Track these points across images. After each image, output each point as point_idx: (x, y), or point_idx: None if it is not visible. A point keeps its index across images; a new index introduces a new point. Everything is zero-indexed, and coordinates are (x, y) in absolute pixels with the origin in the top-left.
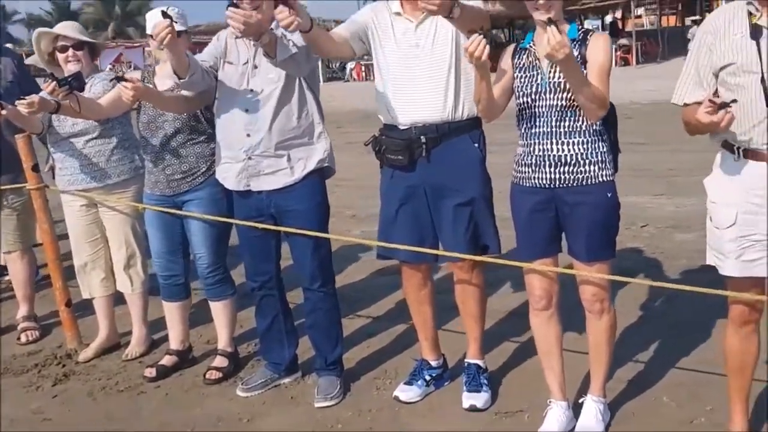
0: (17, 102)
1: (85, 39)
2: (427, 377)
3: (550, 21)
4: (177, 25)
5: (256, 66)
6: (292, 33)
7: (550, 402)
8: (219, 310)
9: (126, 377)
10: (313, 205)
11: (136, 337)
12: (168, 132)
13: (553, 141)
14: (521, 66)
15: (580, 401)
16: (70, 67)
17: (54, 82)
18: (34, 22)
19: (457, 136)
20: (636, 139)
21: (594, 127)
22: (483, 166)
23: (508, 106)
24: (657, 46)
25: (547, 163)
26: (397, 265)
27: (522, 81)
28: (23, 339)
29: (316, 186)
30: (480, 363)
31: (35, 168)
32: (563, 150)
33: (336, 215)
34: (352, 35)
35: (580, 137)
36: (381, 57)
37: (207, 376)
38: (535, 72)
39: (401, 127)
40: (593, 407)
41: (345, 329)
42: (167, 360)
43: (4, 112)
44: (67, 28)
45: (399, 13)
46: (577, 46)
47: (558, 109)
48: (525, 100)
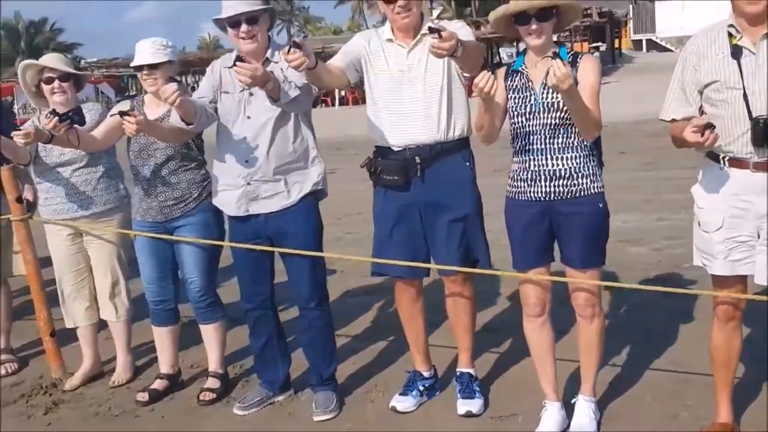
0: (13, 133)
1: (71, 71)
2: (421, 387)
3: (555, 55)
4: (166, 55)
5: (251, 94)
6: (300, 72)
7: (544, 403)
8: (210, 332)
9: (117, 403)
10: (310, 227)
11: (121, 364)
12: (159, 160)
13: (548, 157)
14: (514, 88)
15: (572, 402)
16: (55, 99)
17: (56, 117)
18: None
19: (450, 155)
20: None
21: (585, 143)
22: (474, 183)
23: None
24: None
25: (543, 178)
26: (371, 285)
27: (516, 102)
28: (2, 371)
29: (311, 208)
30: (471, 372)
31: (19, 199)
32: (558, 165)
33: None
34: (347, 66)
35: (573, 152)
36: (374, 82)
37: (201, 397)
38: (529, 93)
39: (395, 149)
40: (585, 407)
41: None
42: (159, 384)
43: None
44: (53, 60)
45: (391, 40)
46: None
47: (551, 127)
48: (519, 119)
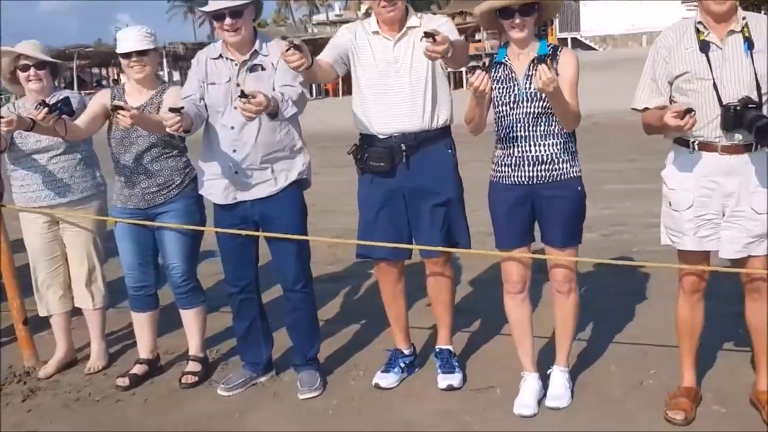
0: None
1: (47, 59)
2: (402, 365)
3: (540, 59)
4: (152, 43)
5: (238, 84)
6: (299, 72)
7: (523, 374)
8: (191, 317)
9: (96, 389)
10: (296, 212)
11: (95, 352)
12: (142, 147)
13: (531, 143)
14: (498, 78)
15: (548, 372)
16: (31, 86)
17: (45, 108)
18: None
19: (433, 143)
20: None
21: (564, 131)
22: (456, 169)
23: None
24: None
25: (526, 163)
26: (337, 272)
27: (500, 92)
28: None
29: (296, 195)
30: (450, 348)
31: None
32: (540, 151)
33: None
34: (335, 60)
35: (554, 139)
36: (360, 73)
37: (183, 380)
38: (512, 84)
39: (381, 137)
40: (561, 377)
41: None
42: (138, 369)
43: None
44: (29, 47)
45: (377, 32)
46: (549, 61)
47: (534, 116)
48: (503, 108)
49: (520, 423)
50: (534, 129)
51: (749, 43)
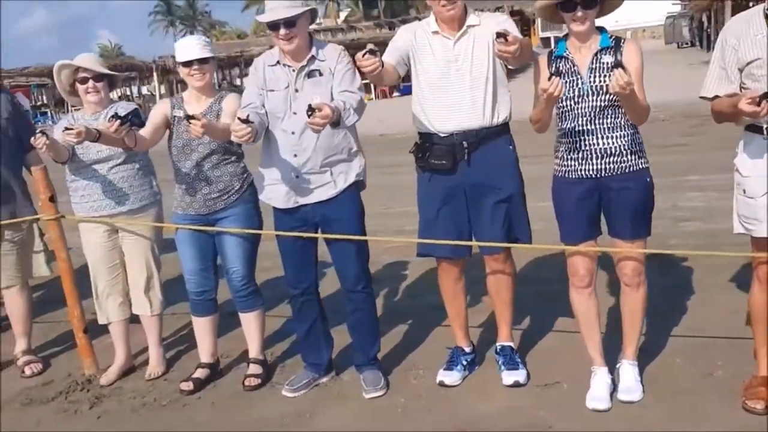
0: (65, 132)
1: (105, 71)
2: (464, 362)
3: (617, 64)
4: (207, 52)
5: (297, 90)
6: (372, 74)
7: (593, 369)
8: (251, 320)
9: (161, 394)
10: (355, 213)
11: (154, 357)
12: (202, 154)
13: (598, 136)
14: (559, 72)
15: (617, 366)
16: (89, 98)
17: (117, 120)
18: None
19: (494, 139)
20: None
21: (630, 122)
22: (517, 165)
23: None
24: None
25: (594, 156)
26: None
27: (563, 86)
28: (27, 372)
29: (355, 197)
30: (512, 345)
31: (52, 199)
32: (608, 143)
33: None
34: (397, 62)
35: (621, 131)
36: (421, 73)
37: (246, 383)
38: (575, 77)
39: (442, 135)
40: (631, 370)
41: None
42: (200, 373)
43: (48, 141)
44: (87, 60)
45: (437, 32)
46: (612, 52)
47: (600, 109)
48: (567, 103)
49: (595, 417)
50: (600, 122)
51: None
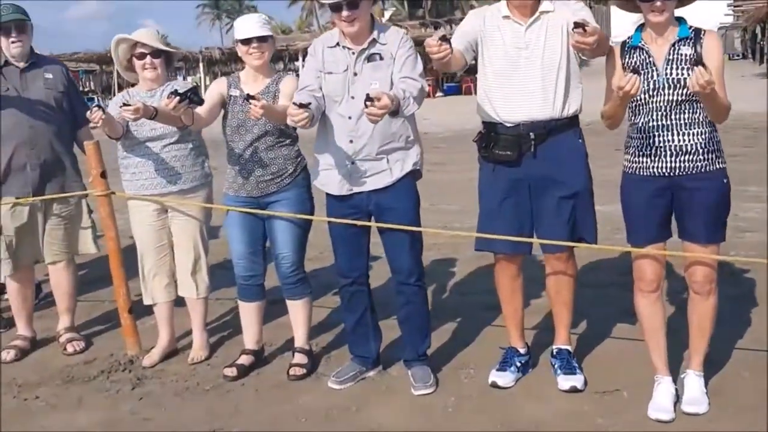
0: (122, 108)
1: (163, 47)
2: (518, 363)
3: (697, 62)
4: (267, 30)
5: (356, 73)
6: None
7: (657, 378)
8: (298, 308)
9: (203, 378)
10: (411, 203)
11: (198, 342)
12: (257, 135)
13: (674, 132)
14: (634, 65)
15: (681, 377)
16: (146, 74)
17: (177, 97)
18: None
19: (563, 132)
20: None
21: (708, 119)
22: (586, 160)
23: None
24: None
25: (668, 153)
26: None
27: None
28: (70, 349)
29: (411, 186)
30: (570, 348)
31: (103, 174)
32: (684, 140)
33: None
34: (465, 48)
35: (699, 128)
36: (488, 59)
37: (291, 372)
38: (650, 69)
39: (508, 125)
40: (697, 381)
41: None
42: (245, 359)
43: (103, 116)
44: (146, 35)
45: (507, 17)
46: (691, 44)
47: (676, 104)
48: (642, 96)
49: (659, 428)
50: (677, 117)
51: None
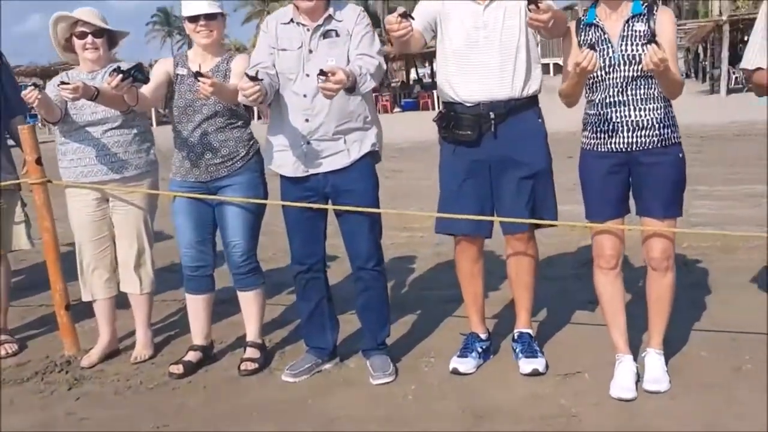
0: (61, 86)
1: (106, 26)
2: (479, 349)
3: (650, 40)
4: (215, 7)
5: (311, 50)
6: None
7: (618, 356)
8: (250, 300)
9: (147, 377)
10: (369, 185)
11: (141, 340)
12: (206, 116)
13: (630, 108)
14: (589, 41)
15: (642, 355)
16: (87, 55)
17: (119, 75)
18: None
19: (522, 111)
20: None
21: (663, 94)
22: (546, 139)
23: None
24: None
25: (625, 129)
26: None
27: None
28: (2, 352)
29: (369, 167)
30: (531, 332)
31: (38, 161)
32: (640, 116)
33: None
34: (424, 27)
35: (654, 104)
36: (448, 39)
37: (242, 367)
38: (606, 46)
39: (468, 104)
40: (657, 360)
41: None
42: (192, 356)
43: (39, 95)
44: (88, 13)
45: None
46: (645, 20)
47: (632, 80)
48: (598, 73)
49: (622, 407)
50: (632, 93)
51: None
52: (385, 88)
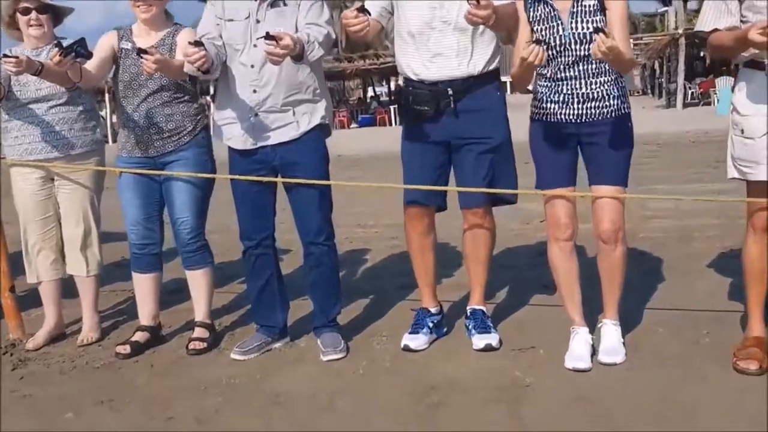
0: (3, 60)
1: (50, 2)
2: (430, 324)
3: (597, 30)
4: None
5: (258, 20)
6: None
7: (573, 328)
8: (198, 279)
9: (93, 358)
10: (319, 158)
11: (88, 323)
12: (152, 90)
13: (581, 82)
14: (539, 18)
15: (598, 326)
16: (31, 32)
17: (59, 50)
18: None
19: (482, 87)
20: None
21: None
22: (505, 113)
23: None
24: None
25: (576, 101)
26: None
27: (543, 33)
28: None
29: (319, 140)
30: (484, 309)
31: None
32: (591, 88)
33: None
34: (379, 14)
35: (605, 77)
36: (404, 21)
37: (190, 347)
38: (556, 23)
39: (427, 82)
40: (613, 330)
41: None
42: (140, 336)
43: None
44: None
45: None
46: None
47: (583, 57)
48: (549, 52)
49: (577, 377)
50: (584, 69)
51: None
52: (342, 104)
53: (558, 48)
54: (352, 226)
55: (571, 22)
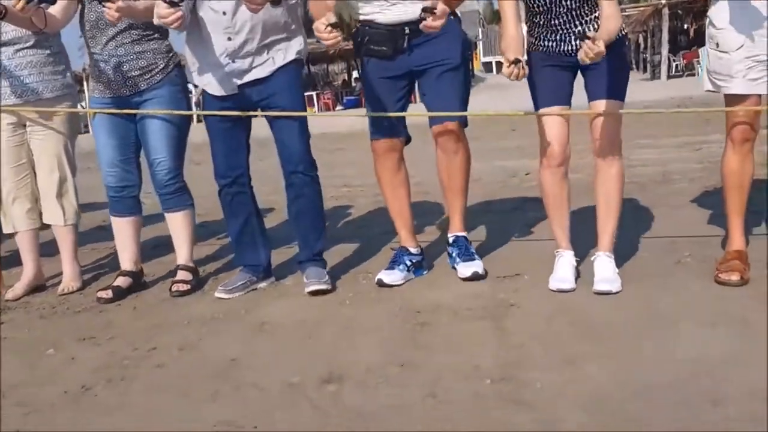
0: None
1: None
2: (408, 262)
3: (584, 36)
4: None
5: None
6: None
7: (558, 252)
8: (178, 221)
9: (75, 304)
10: (294, 90)
11: (68, 274)
12: (120, 29)
13: (575, 23)
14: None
15: (591, 259)
16: None
17: None
18: None
19: None
20: None
21: None
22: (461, 34)
23: None
24: None
25: (572, 37)
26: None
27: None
28: None
29: (296, 75)
30: (466, 235)
31: None
32: (585, 26)
33: None
34: None
35: (598, 12)
36: None
37: (173, 288)
38: None
39: (385, 24)
40: (608, 262)
41: None
42: (122, 281)
43: None
44: None
45: None
46: None
47: (576, 6)
48: (540, 3)
49: (561, 297)
50: (577, 15)
51: None
52: (327, 86)
53: (548, 4)
54: (338, 186)
55: None
